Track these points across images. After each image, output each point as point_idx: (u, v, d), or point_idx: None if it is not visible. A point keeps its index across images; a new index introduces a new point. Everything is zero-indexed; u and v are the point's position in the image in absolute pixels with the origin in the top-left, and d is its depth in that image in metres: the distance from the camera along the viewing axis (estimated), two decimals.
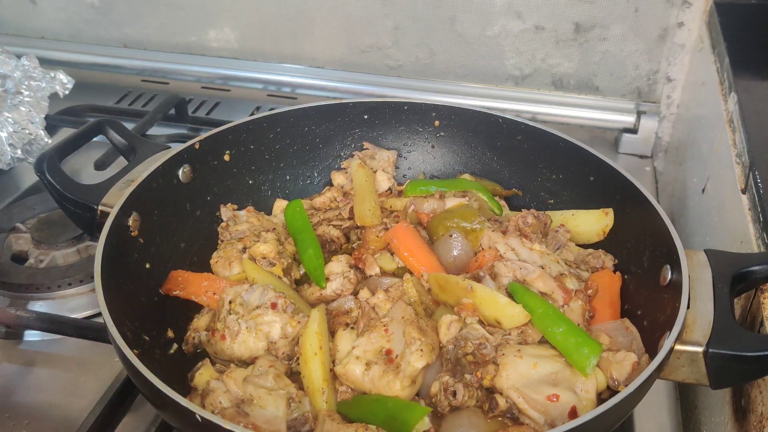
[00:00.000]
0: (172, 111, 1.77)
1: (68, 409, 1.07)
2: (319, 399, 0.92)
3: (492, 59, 1.79)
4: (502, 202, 1.28)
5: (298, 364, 0.97)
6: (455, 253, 1.11)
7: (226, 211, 1.22)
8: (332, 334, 1.00)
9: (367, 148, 1.35)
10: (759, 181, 1.05)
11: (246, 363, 0.98)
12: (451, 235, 1.13)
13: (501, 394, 0.90)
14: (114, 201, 1.05)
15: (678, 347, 0.85)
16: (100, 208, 1.08)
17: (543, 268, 1.04)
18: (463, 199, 1.22)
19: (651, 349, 0.94)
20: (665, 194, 1.73)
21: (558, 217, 1.20)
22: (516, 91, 1.81)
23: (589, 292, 1.06)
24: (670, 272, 0.96)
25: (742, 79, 1.30)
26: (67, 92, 1.64)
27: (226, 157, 1.24)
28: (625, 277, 1.10)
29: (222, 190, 1.24)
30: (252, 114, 1.79)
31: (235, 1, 1.86)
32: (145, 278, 1.07)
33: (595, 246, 1.17)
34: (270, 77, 1.94)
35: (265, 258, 1.11)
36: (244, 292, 1.01)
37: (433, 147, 1.37)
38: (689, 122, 1.63)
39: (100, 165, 1.51)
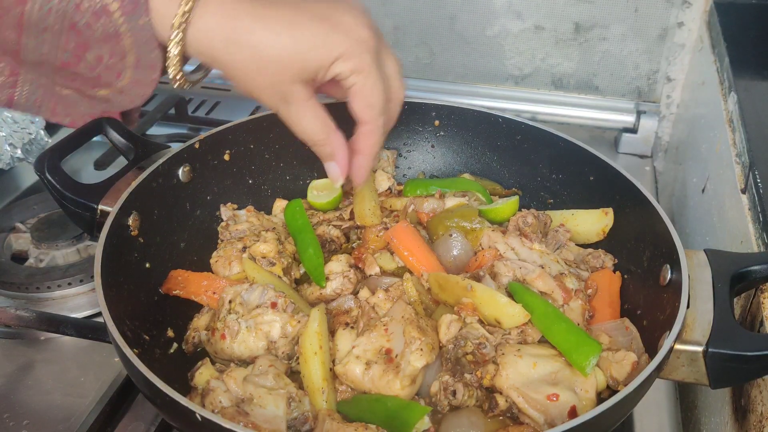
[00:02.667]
0: (172, 110, 1.78)
1: (68, 409, 1.07)
2: (319, 398, 0.92)
3: (492, 59, 1.80)
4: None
5: (298, 363, 0.97)
6: (455, 253, 1.12)
7: (226, 211, 1.22)
8: (332, 333, 1.00)
9: None
10: (759, 181, 1.05)
11: (246, 362, 0.98)
12: (450, 235, 1.13)
13: (501, 393, 0.90)
14: (114, 200, 1.05)
15: (678, 347, 0.85)
16: (100, 207, 1.08)
17: (543, 268, 1.04)
18: (463, 199, 1.22)
19: (651, 349, 0.94)
20: (665, 194, 1.73)
21: (558, 216, 1.20)
22: (516, 90, 1.81)
23: (589, 291, 1.06)
24: (669, 272, 0.96)
25: (742, 79, 1.30)
26: None
27: (226, 157, 1.24)
28: (625, 276, 1.10)
29: (222, 190, 1.24)
30: (252, 114, 1.78)
31: None
32: (145, 278, 1.07)
33: (595, 246, 1.17)
34: None
35: (265, 257, 1.11)
36: (244, 291, 1.01)
37: (433, 147, 1.37)
38: (689, 122, 1.63)
39: (100, 165, 1.51)
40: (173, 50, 0.83)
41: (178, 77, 0.87)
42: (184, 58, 0.85)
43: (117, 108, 0.92)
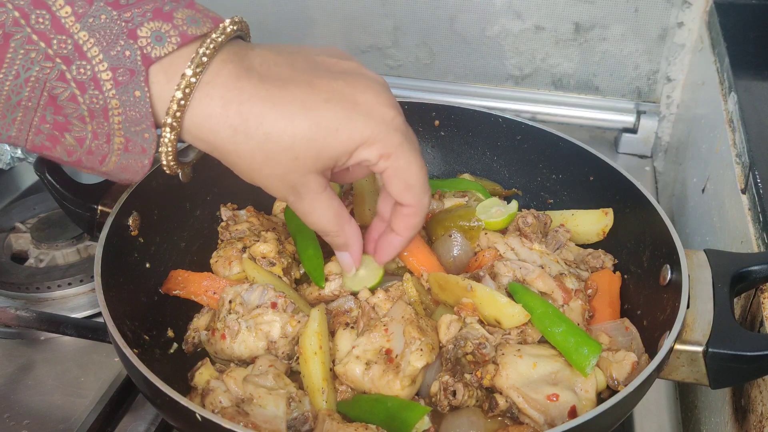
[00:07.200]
0: None
1: (68, 409, 1.07)
2: (319, 398, 0.92)
3: (492, 59, 1.80)
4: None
5: (298, 363, 0.97)
6: (455, 253, 1.12)
7: (226, 211, 1.22)
8: (332, 333, 1.00)
9: None
10: (759, 181, 1.05)
11: (246, 362, 0.98)
12: (450, 235, 1.13)
13: (501, 393, 0.90)
14: (114, 201, 1.05)
15: (678, 347, 0.85)
16: (100, 207, 1.08)
17: (543, 268, 1.04)
18: (462, 199, 1.22)
19: (651, 349, 0.94)
20: (665, 194, 1.73)
21: (558, 217, 1.20)
22: (516, 90, 1.81)
23: (589, 291, 1.06)
24: (669, 272, 0.96)
25: (742, 79, 1.30)
26: None
27: None
28: (625, 276, 1.10)
29: (222, 190, 1.24)
30: None
31: (235, 1, 1.86)
32: (145, 278, 1.07)
33: (595, 246, 1.17)
34: None
35: (265, 258, 1.11)
36: (244, 291, 1.02)
37: (433, 147, 1.37)
38: (689, 122, 1.63)
39: None
40: (168, 135, 0.72)
41: (171, 164, 0.76)
42: (178, 142, 0.74)
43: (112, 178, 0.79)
